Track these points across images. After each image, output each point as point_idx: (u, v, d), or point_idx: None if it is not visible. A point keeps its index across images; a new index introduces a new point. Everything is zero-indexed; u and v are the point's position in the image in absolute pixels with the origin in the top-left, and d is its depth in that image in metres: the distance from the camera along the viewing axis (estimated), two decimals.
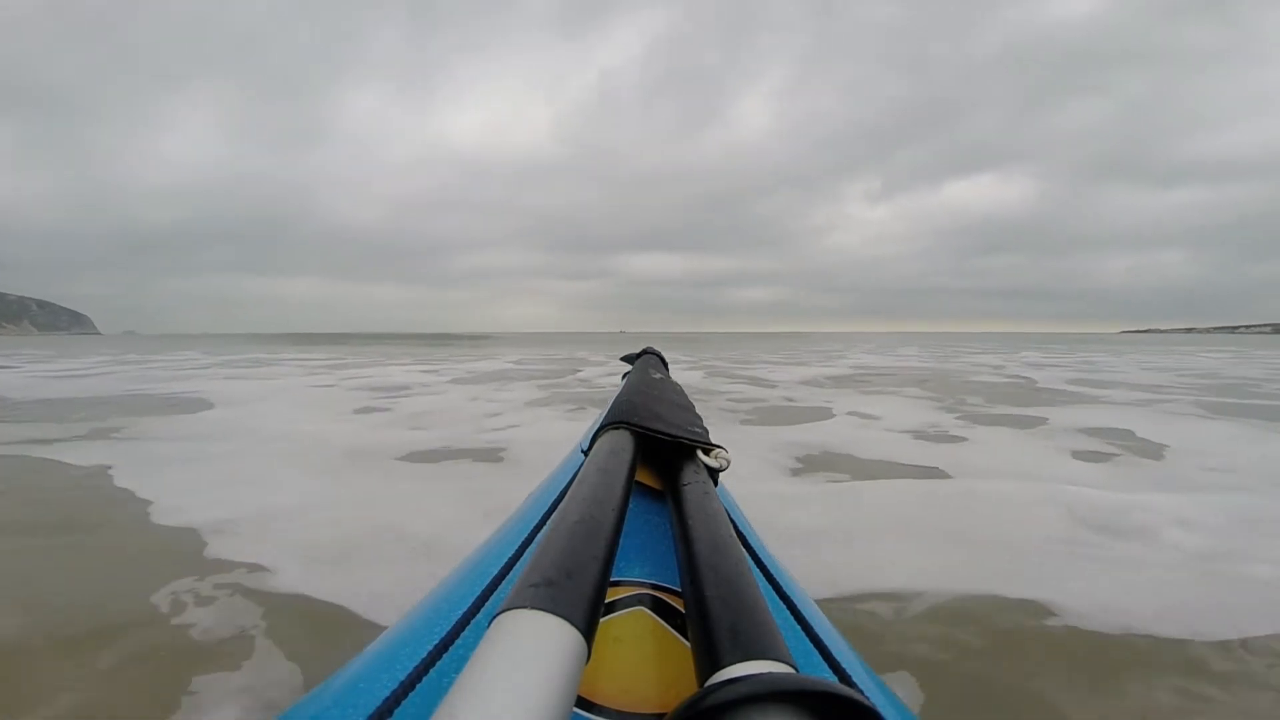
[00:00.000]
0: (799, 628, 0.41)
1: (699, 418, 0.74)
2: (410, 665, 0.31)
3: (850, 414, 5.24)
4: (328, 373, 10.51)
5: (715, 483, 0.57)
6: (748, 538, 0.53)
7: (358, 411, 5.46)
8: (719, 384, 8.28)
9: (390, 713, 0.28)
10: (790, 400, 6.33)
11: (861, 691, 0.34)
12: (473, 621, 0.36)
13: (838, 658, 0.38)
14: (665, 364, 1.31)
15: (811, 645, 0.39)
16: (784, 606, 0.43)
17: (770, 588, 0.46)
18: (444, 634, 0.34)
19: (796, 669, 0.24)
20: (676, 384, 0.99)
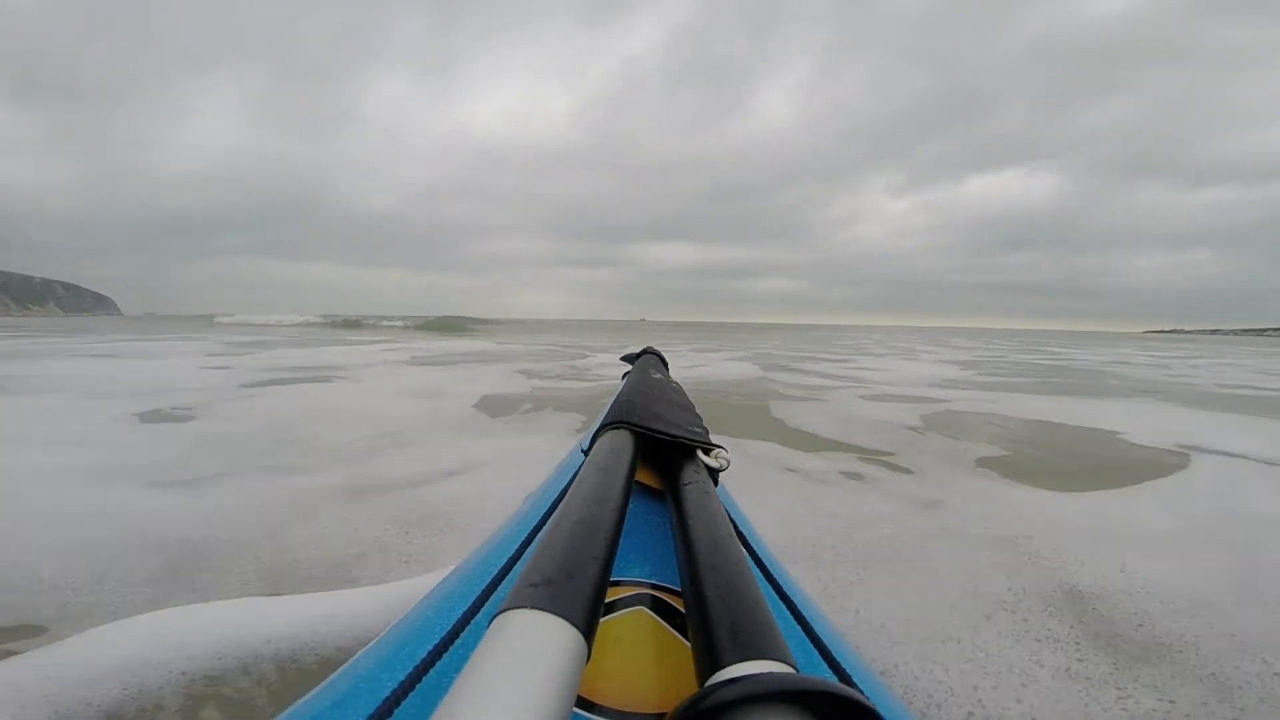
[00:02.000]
0: (799, 628, 0.41)
1: (699, 418, 0.74)
2: (410, 665, 0.31)
3: (1225, 454, 3.18)
4: (248, 354, 8.61)
5: (715, 483, 0.57)
6: (748, 538, 0.53)
7: (151, 420, 3.43)
8: (807, 378, 6.44)
9: (390, 713, 0.28)
10: (996, 411, 4.19)
11: (861, 691, 0.34)
12: (473, 621, 0.36)
13: (838, 658, 0.38)
14: (665, 364, 1.31)
15: (811, 645, 0.40)
16: (784, 606, 0.43)
17: (770, 588, 0.46)
18: (444, 634, 0.34)
19: (797, 669, 0.24)
20: (677, 384, 1.00)
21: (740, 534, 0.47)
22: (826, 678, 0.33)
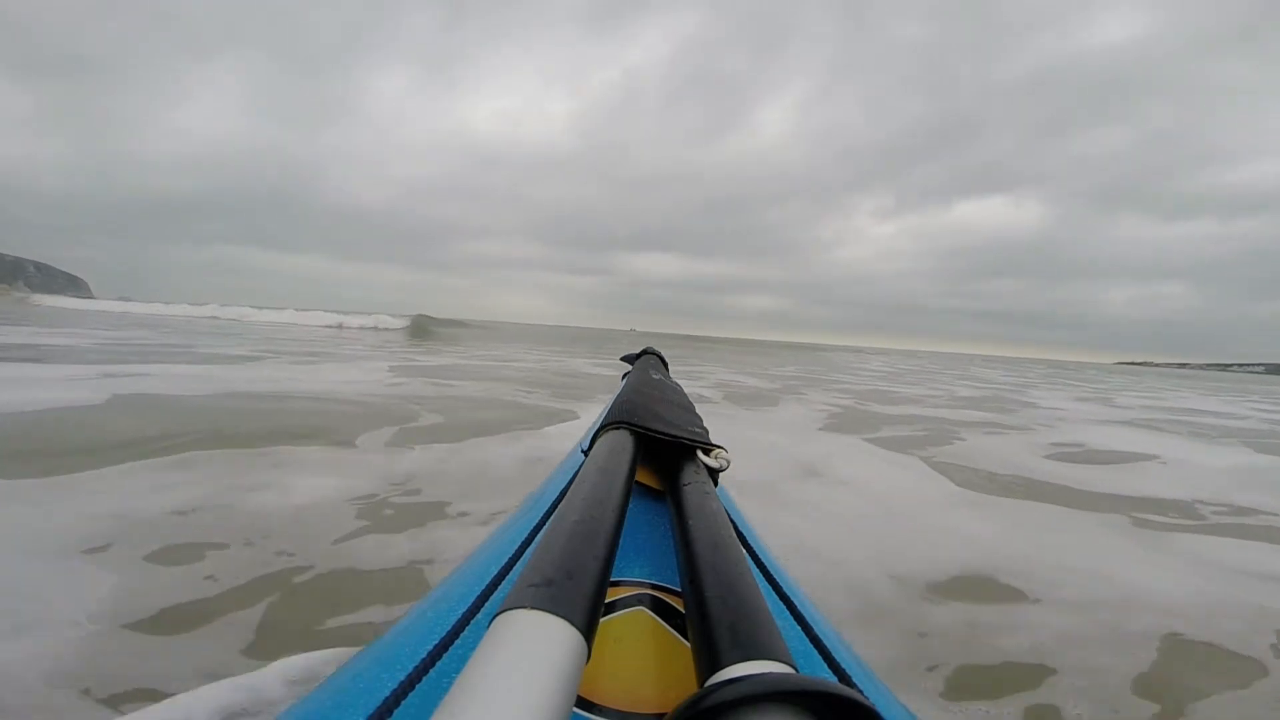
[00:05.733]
0: (799, 628, 0.41)
1: (699, 418, 0.74)
2: (410, 665, 0.31)
3: None
4: None
5: (715, 483, 0.57)
6: (748, 538, 0.53)
7: None
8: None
9: (390, 713, 0.28)
10: None
11: (861, 691, 0.34)
12: (473, 621, 0.36)
13: (838, 658, 0.38)
14: (665, 364, 1.31)
15: (811, 645, 0.39)
16: (784, 606, 0.43)
17: (770, 588, 0.46)
18: (444, 634, 0.34)
19: (796, 669, 0.24)
20: (676, 384, 0.99)
21: (740, 534, 0.47)
22: (826, 678, 0.33)
